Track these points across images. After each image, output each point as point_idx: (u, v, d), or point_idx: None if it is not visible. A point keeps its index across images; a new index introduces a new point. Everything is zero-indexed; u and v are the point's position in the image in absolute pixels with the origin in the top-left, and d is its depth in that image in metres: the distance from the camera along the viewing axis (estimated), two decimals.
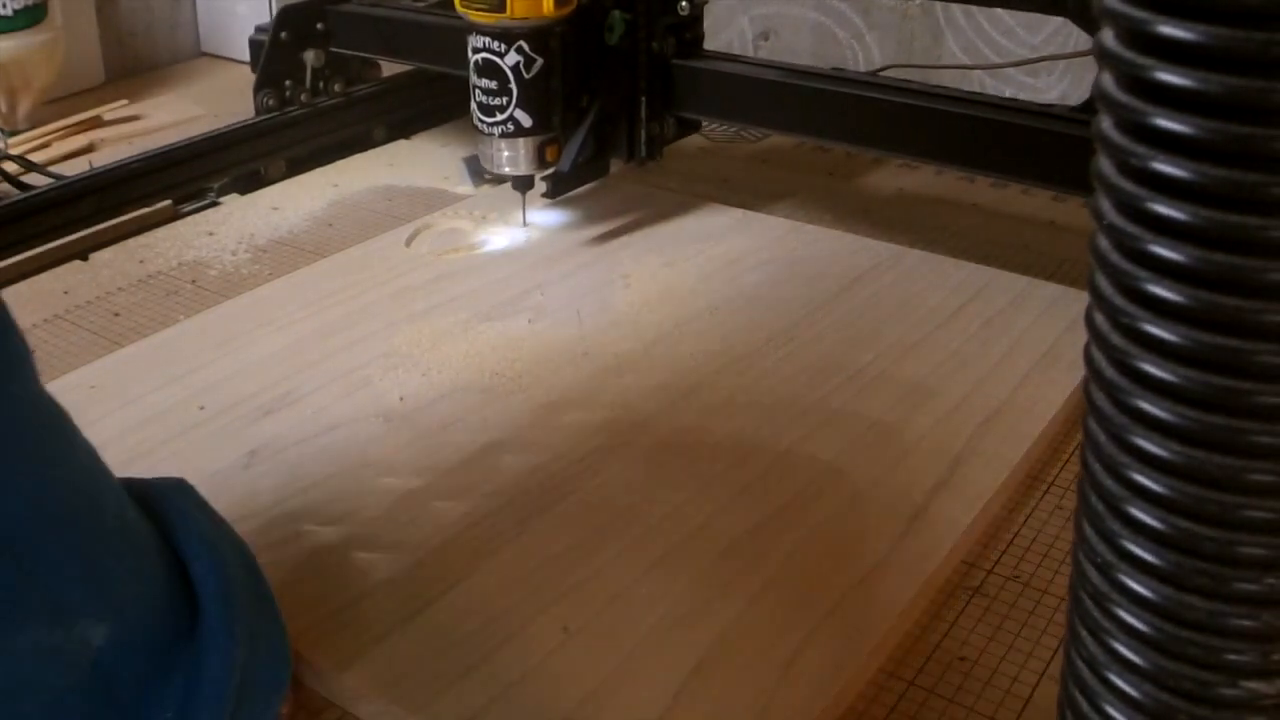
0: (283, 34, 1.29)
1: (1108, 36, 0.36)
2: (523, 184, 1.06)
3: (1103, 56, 0.37)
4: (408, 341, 0.90)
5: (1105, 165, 0.38)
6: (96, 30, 1.61)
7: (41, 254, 1.08)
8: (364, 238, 1.09)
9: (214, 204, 1.19)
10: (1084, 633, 0.43)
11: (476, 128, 1.04)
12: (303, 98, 1.31)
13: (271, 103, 1.29)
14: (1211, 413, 0.37)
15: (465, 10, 0.99)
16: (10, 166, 1.13)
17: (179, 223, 1.15)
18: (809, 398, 0.82)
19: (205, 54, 1.76)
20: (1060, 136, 0.92)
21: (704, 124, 1.22)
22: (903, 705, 0.60)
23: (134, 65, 1.68)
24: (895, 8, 1.42)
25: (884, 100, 1.01)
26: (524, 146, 1.03)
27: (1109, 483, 0.40)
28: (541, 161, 1.04)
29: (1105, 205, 0.38)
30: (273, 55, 1.29)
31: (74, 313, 0.99)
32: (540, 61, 1.00)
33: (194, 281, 1.04)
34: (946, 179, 1.22)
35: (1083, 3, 0.89)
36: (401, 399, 0.83)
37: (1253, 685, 0.40)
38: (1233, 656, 0.39)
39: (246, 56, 1.36)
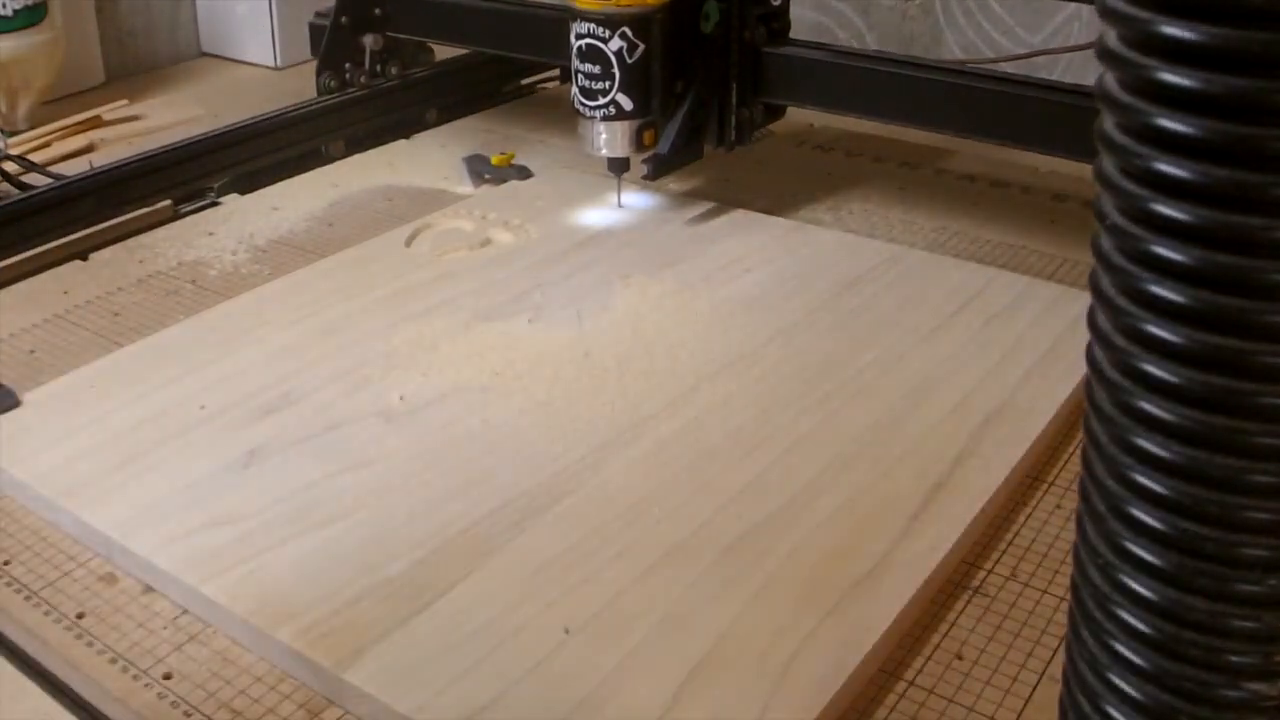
0: (343, 18, 1.33)
1: (1110, 37, 0.36)
2: (619, 166, 1.09)
3: (1105, 57, 0.37)
4: (408, 341, 0.90)
5: (1108, 166, 0.38)
6: (96, 30, 1.61)
7: (41, 254, 1.08)
8: (364, 238, 1.09)
9: (214, 204, 1.19)
10: (1085, 633, 0.43)
11: (577, 111, 1.07)
12: (362, 79, 1.35)
13: (333, 84, 1.33)
14: (1213, 413, 0.37)
15: None
16: (10, 166, 1.13)
17: (179, 223, 1.15)
18: (809, 398, 0.82)
19: (205, 54, 1.76)
20: None
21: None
22: (903, 705, 0.60)
23: (134, 65, 1.68)
24: (895, 7, 1.42)
25: (972, 87, 1.03)
26: (623, 130, 1.06)
27: (1110, 483, 0.40)
28: (639, 145, 1.07)
29: (1108, 205, 0.38)
30: (334, 39, 1.33)
31: (74, 313, 0.99)
32: (642, 47, 1.04)
33: (194, 281, 1.04)
34: (947, 179, 1.22)
35: None
36: (401, 399, 0.83)
37: (1254, 686, 0.40)
38: (1234, 658, 0.39)
39: (247, 56, 1.37)
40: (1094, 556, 0.42)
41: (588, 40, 1.04)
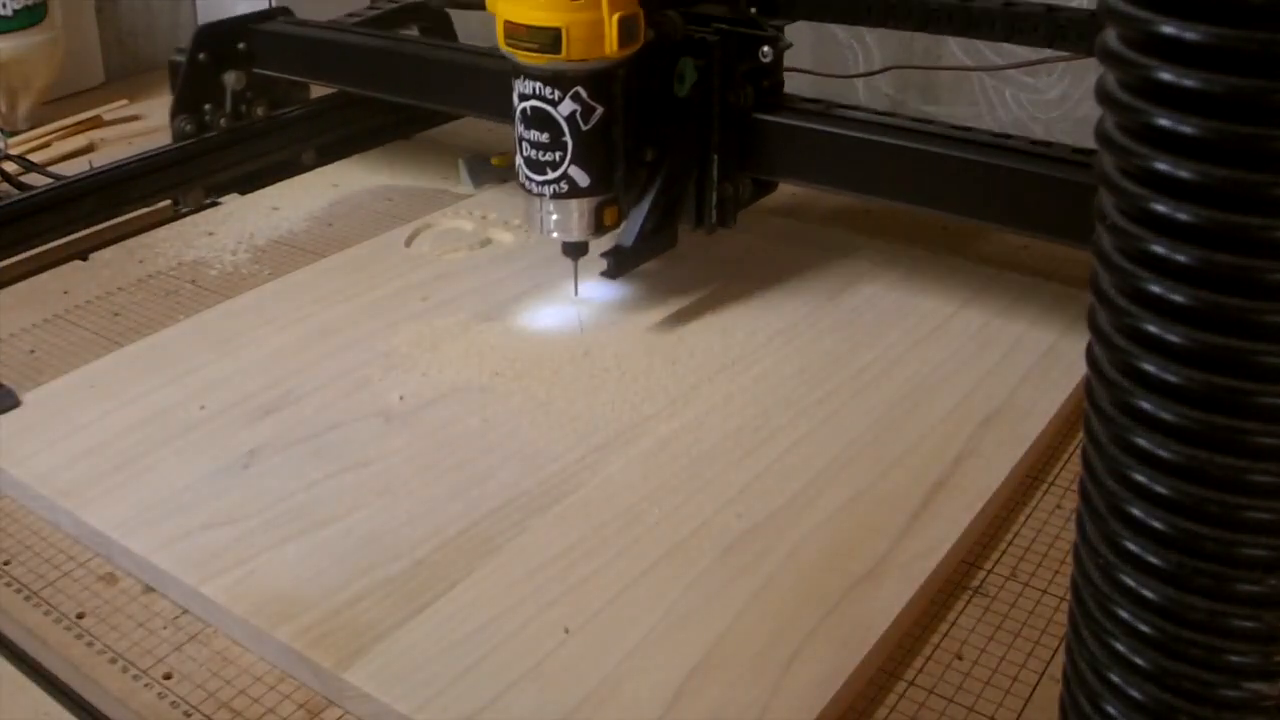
0: (201, 55, 1.21)
1: (1110, 37, 0.36)
2: (575, 250, 0.92)
3: (1105, 57, 0.37)
4: (407, 341, 0.90)
5: (1108, 166, 0.38)
6: (96, 30, 1.61)
7: (41, 254, 1.08)
8: (364, 238, 1.09)
9: (214, 204, 1.19)
10: (1086, 633, 0.43)
11: (522, 186, 0.90)
12: (222, 122, 1.22)
13: (189, 128, 1.21)
14: (1213, 413, 0.37)
15: (511, 50, 0.84)
16: (10, 166, 1.13)
17: (179, 223, 1.15)
18: (809, 398, 0.82)
19: None
20: None
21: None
22: (903, 705, 0.60)
23: (134, 65, 1.68)
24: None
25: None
26: (579, 209, 0.88)
27: (1110, 483, 0.40)
28: (598, 225, 0.89)
29: (1108, 205, 0.38)
30: (190, 78, 1.20)
31: (74, 313, 0.99)
32: (600, 110, 0.86)
33: (194, 281, 1.04)
34: None
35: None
36: (401, 398, 0.83)
37: (1255, 686, 0.40)
38: (1234, 657, 0.39)
39: None
40: (1094, 556, 0.42)
41: (533, 103, 0.86)
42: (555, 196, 0.87)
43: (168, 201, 1.16)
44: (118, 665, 0.63)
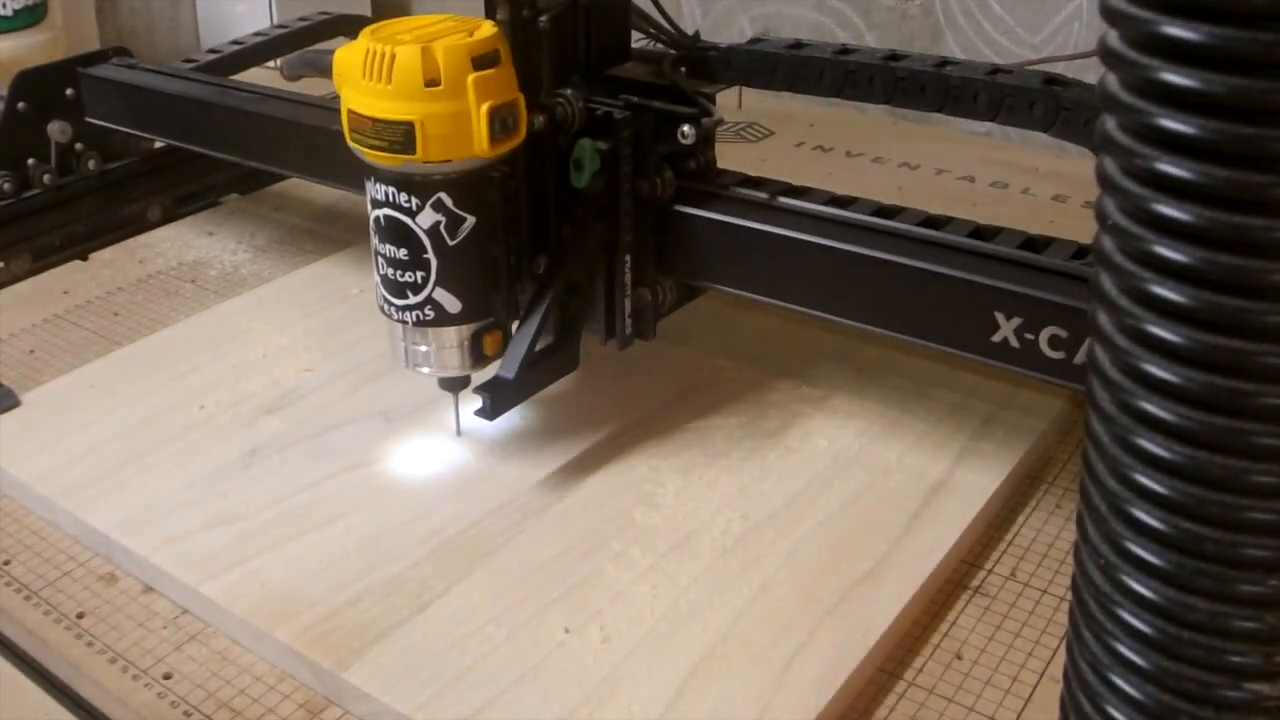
0: (20, 104, 1.07)
1: (1112, 37, 0.36)
2: (454, 385, 0.76)
3: (1107, 57, 0.37)
4: None
5: (1110, 166, 0.38)
6: (96, 30, 1.61)
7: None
8: (364, 238, 1.08)
9: (214, 204, 1.19)
10: (1086, 633, 0.43)
11: (381, 309, 0.74)
12: (46, 179, 1.08)
13: (7, 186, 1.06)
14: (1215, 414, 0.37)
15: (357, 147, 0.69)
16: None
17: (179, 223, 1.15)
18: (809, 397, 0.82)
19: None
20: None
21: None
22: (903, 705, 0.60)
23: None
24: (895, 8, 1.42)
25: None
26: (450, 339, 0.73)
27: (1112, 483, 0.40)
28: (477, 356, 0.74)
29: (1109, 206, 0.38)
30: (8, 129, 1.07)
31: (74, 313, 0.99)
32: (471, 221, 0.70)
33: (194, 281, 1.04)
34: (946, 179, 1.22)
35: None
36: (401, 398, 0.82)
37: (1256, 687, 0.40)
38: (1236, 658, 0.39)
39: None
40: (1095, 556, 0.42)
41: (386, 211, 0.70)
42: (419, 324, 0.72)
43: (169, 201, 1.14)
44: (118, 665, 0.63)
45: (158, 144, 1.15)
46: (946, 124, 1.40)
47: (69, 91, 1.09)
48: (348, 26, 1.34)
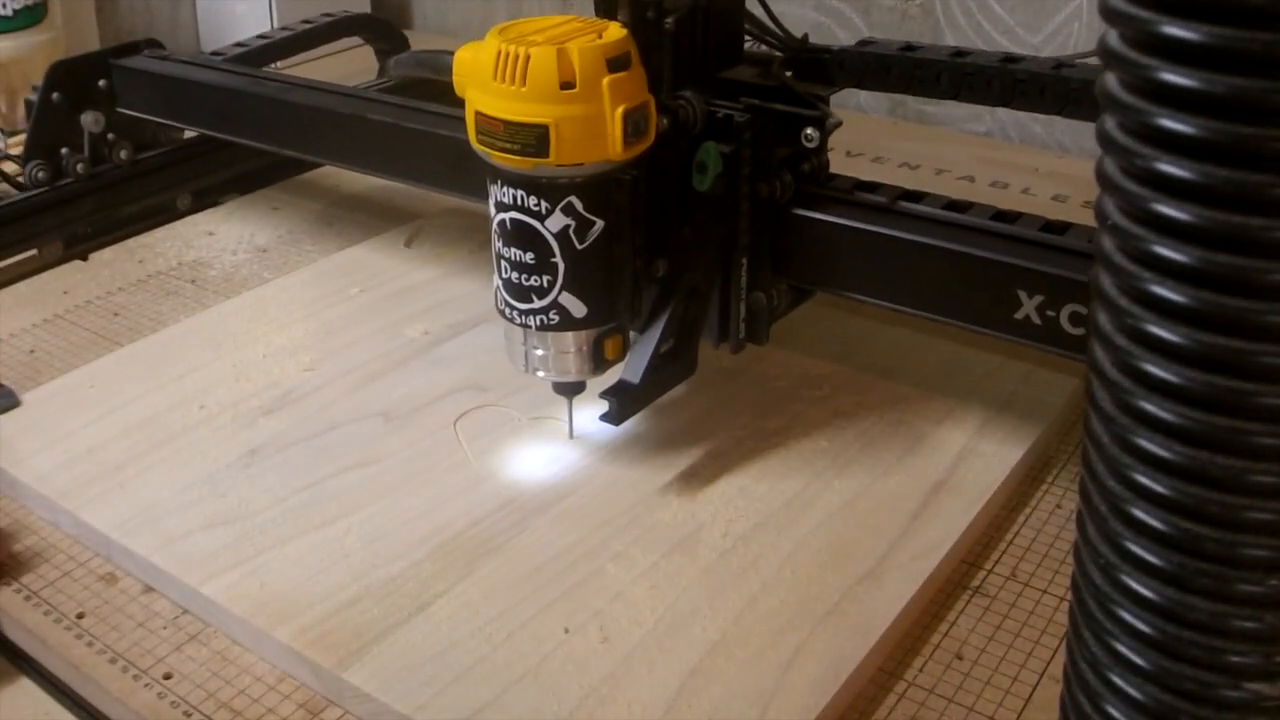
0: (55, 95, 1.09)
1: (1112, 37, 0.36)
2: (570, 390, 0.76)
3: (1107, 57, 0.37)
4: (408, 341, 0.90)
5: (1109, 166, 0.38)
6: (96, 30, 1.61)
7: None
8: (364, 238, 1.09)
9: (214, 204, 1.19)
10: (1086, 633, 0.43)
11: (501, 313, 0.73)
12: (79, 168, 1.09)
13: (42, 175, 1.08)
14: (1215, 414, 0.37)
15: (485, 150, 0.68)
16: (10, 167, 1.12)
17: (179, 223, 1.15)
18: (809, 397, 0.82)
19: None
20: None
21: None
22: (903, 705, 0.60)
23: None
24: (895, 8, 1.42)
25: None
26: (574, 343, 0.72)
27: (1112, 483, 0.40)
28: (598, 361, 0.73)
29: (1109, 206, 0.38)
30: (44, 119, 1.09)
31: (74, 313, 0.99)
32: (600, 224, 0.69)
33: (194, 281, 1.04)
34: (946, 179, 1.22)
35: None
36: (402, 398, 0.83)
37: (1256, 687, 0.40)
38: (1236, 658, 0.39)
39: None
40: (1095, 556, 0.42)
41: (513, 215, 0.69)
42: (544, 329, 0.72)
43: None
44: (118, 665, 0.63)
45: (187, 134, 1.17)
46: (947, 124, 1.40)
47: (101, 82, 1.12)
48: (365, 27, 1.36)
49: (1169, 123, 0.35)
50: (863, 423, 0.79)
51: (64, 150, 1.10)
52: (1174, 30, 0.34)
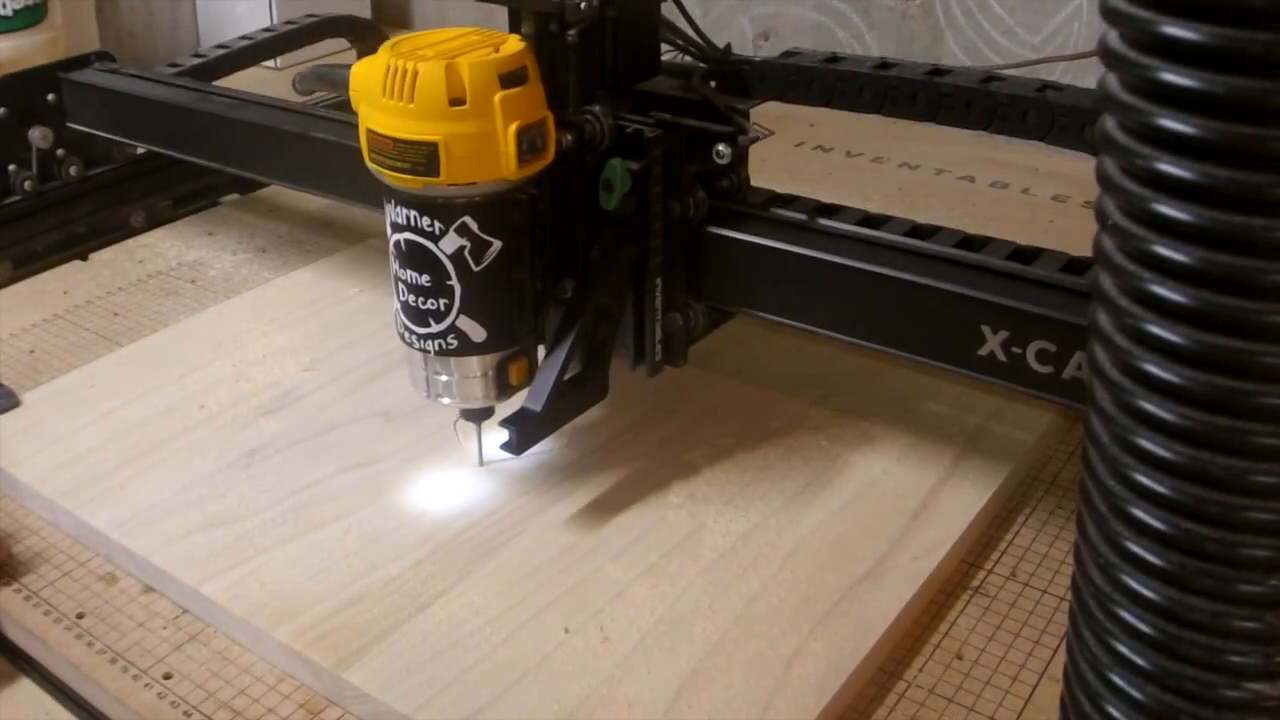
0: (1, 110, 1.06)
1: (1112, 37, 0.36)
2: (477, 416, 0.74)
3: (1107, 57, 0.37)
4: None
5: (1110, 167, 0.38)
6: (96, 30, 1.61)
7: (41, 254, 1.08)
8: (364, 238, 1.09)
9: (214, 204, 1.19)
10: (1087, 633, 0.43)
11: (401, 337, 0.71)
12: (27, 185, 1.06)
13: None
14: (1215, 414, 0.37)
15: (376, 168, 0.66)
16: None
17: (179, 223, 1.15)
18: (809, 397, 0.82)
19: None
20: None
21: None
22: (903, 705, 0.60)
23: (134, 65, 1.68)
24: (895, 8, 1.42)
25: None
26: (477, 368, 0.70)
27: (1112, 483, 0.40)
28: (502, 386, 0.71)
29: (1109, 206, 0.38)
30: None
31: (74, 313, 0.99)
32: (497, 245, 0.67)
33: (194, 281, 1.04)
34: (946, 179, 1.22)
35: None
36: (402, 398, 0.82)
37: (1256, 686, 0.40)
38: (1236, 658, 0.39)
39: None
40: (1095, 556, 0.42)
41: (408, 235, 0.66)
42: (443, 353, 0.69)
43: (168, 201, 1.13)
44: (118, 665, 0.63)
45: (140, 150, 1.13)
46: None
47: (50, 97, 1.09)
48: (336, 29, 1.34)
49: (1169, 123, 0.35)
50: (863, 423, 0.79)
51: (11, 167, 1.06)
52: (1174, 30, 0.34)
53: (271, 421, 0.80)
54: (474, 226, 0.66)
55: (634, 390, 0.83)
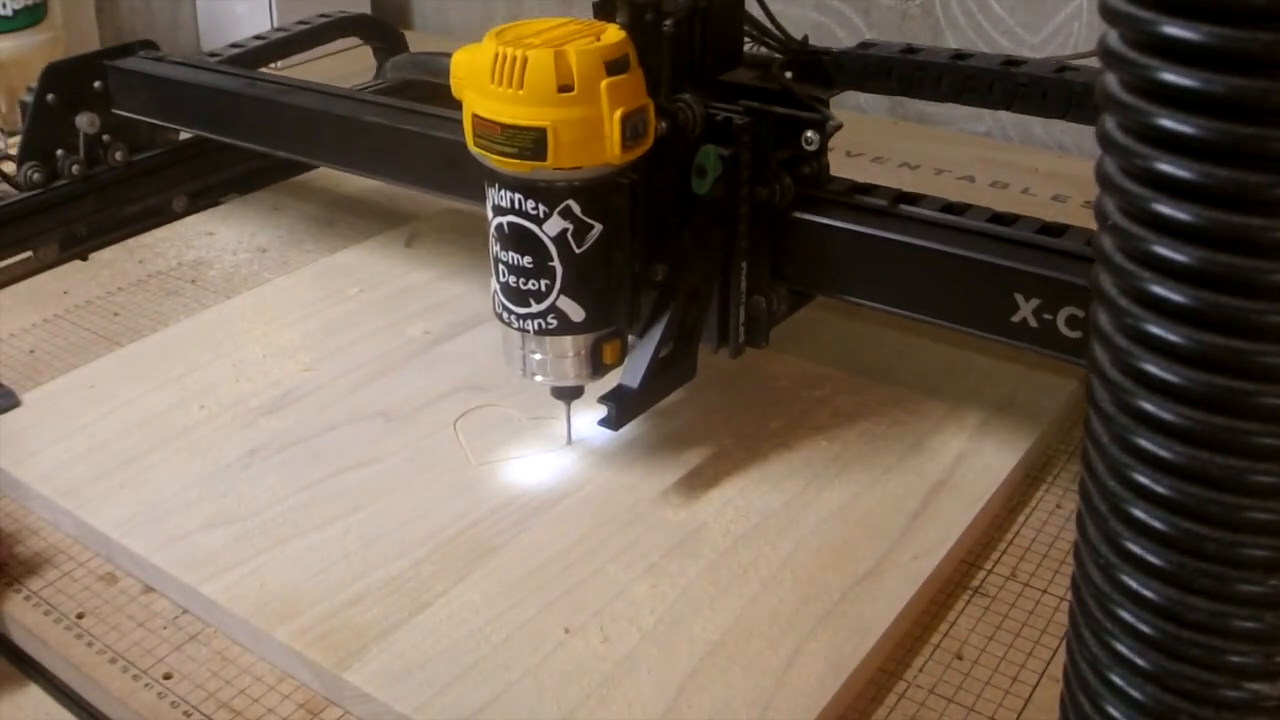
0: (49, 96, 1.09)
1: (1112, 37, 0.36)
2: (568, 394, 0.76)
3: (1107, 57, 0.37)
4: (408, 341, 0.90)
5: (1109, 166, 0.38)
6: (96, 30, 1.61)
7: (37, 256, 1.08)
8: (364, 238, 1.09)
9: (214, 203, 1.19)
10: (1087, 633, 0.43)
11: (499, 317, 0.73)
12: (75, 170, 1.09)
13: (37, 177, 1.08)
14: (1215, 414, 0.37)
15: (481, 152, 0.68)
16: (9, 167, 1.12)
17: (179, 223, 1.15)
18: (809, 397, 0.82)
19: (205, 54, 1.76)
20: None
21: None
22: (903, 705, 0.60)
23: None
24: (895, 8, 1.42)
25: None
26: (573, 347, 0.72)
27: (1112, 483, 0.40)
28: (596, 365, 0.73)
29: (1109, 206, 0.38)
30: (38, 121, 1.09)
31: (74, 313, 0.99)
32: (599, 228, 0.69)
33: (194, 281, 1.04)
34: (946, 179, 1.22)
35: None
36: (402, 398, 0.83)
37: (1256, 687, 0.40)
38: (1236, 658, 0.39)
39: None
40: (1095, 556, 0.42)
41: (511, 218, 0.68)
42: (542, 333, 0.71)
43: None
44: (118, 665, 0.63)
45: (183, 135, 1.16)
46: (947, 123, 1.41)
47: (96, 84, 1.11)
48: (363, 27, 1.36)
49: (1169, 123, 0.35)
50: (863, 423, 0.79)
51: (59, 152, 1.09)
52: (1174, 30, 0.34)
53: (271, 421, 0.80)
54: (577, 210, 0.68)
55: None
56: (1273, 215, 0.34)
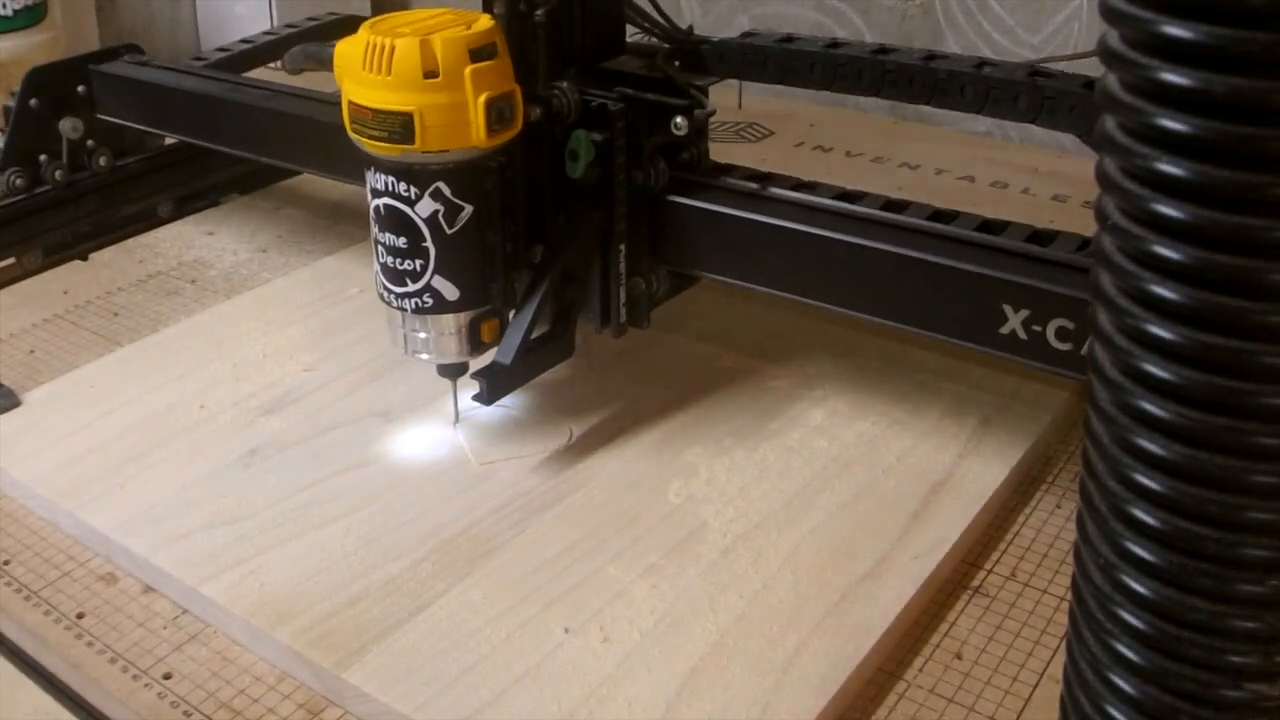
0: (32, 101, 1.07)
1: (1112, 37, 0.36)
2: (451, 372, 0.78)
3: (1107, 57, 0.37)
4: None
5: (1109, 166, 0.38)
6: (96, 30, 1.61)
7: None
8: (365, 237, 1.09)
9: (214, 203, 1.19)
10: (1086, 633, 0.43)
11: (380, 297, 0.75)
12: (58, 175, 1.08)
13: (19, 182, 1.06)
14: (1214, 414, 0.37)
15: (357, 137, 0.71)
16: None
17: (179, 223, 1.15)
18: (809, 396, 0.82)
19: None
20: None
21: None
22: (903, 705, 0.60)
23: None
24: (895, 8, 1.42)
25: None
26: (449, 326, 0.74)
27: (1112, 483, 0.40)
28: (475, 343, 0.75)
29: (1109, 206, 0.38)
30: (21, 126, 1.07)
31: (74, 313, 0.99)
32: (469, 210, 0.71)
33: (194, 281, 1.04)
34: (946, 179, 1.22)
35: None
36: (402, 398, 0.82)
37: (1256, 687, 0.40)
38: (1235, 658, 0.39)
39: None
40: (1095, 556, 0.42)
41: (386, 200, 0.71)
42: (419, 311, 0.74)
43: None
44: (118, 665, 0.63)
45: (168, 140, 1.15)
46: (947, 124, 1.40)
47: (80, 88, 1.10)
48: (355, 27, 1.34)
49: (1169, 123, 0.35)
50: (862, 423, 0.79)
51: (42, 157, 1.08)
52: (1174, 30, 0.34)
53: (271, 421, 0.80)
54: (447, 192, 0.71)
55: (634, 390, 0.83)
56: (1272, 215, 0.34)
